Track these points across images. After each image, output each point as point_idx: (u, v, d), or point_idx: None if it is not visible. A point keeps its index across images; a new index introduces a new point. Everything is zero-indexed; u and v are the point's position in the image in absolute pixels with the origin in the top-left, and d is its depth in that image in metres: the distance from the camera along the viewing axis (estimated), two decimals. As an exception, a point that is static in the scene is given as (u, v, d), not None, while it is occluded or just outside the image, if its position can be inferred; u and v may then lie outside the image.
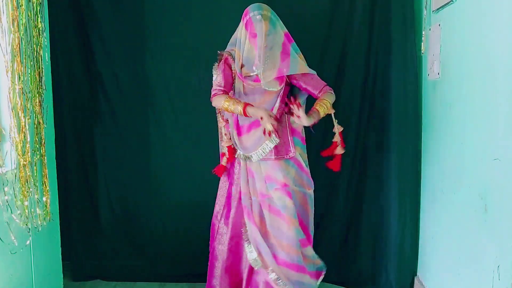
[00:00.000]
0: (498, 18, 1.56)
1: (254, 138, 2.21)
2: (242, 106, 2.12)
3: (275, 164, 2.22)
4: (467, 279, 1.82)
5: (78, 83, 2.75)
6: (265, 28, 2.10)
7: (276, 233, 2.21)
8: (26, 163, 2.05)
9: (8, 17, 1.97)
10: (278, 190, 2.20)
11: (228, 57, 2.25)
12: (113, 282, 2.79)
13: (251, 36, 2.15)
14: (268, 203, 2.23)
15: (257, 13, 2.10)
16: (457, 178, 1.94)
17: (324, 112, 2.14)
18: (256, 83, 2.19)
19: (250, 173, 2.27)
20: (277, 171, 2.21)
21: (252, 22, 2.11)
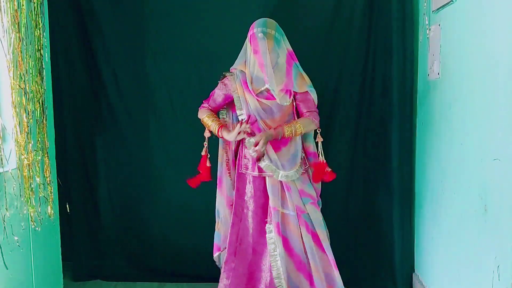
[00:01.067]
0: (498, 18, 1.56)
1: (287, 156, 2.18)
2: (217, 127, 2.22)
3: (304, 177, 2.22)
4: (467, 279, 1.82)
5: (78, 83, 2.75)
6: (268, 46, 2.09)
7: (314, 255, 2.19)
8: (29, 162, 2.05)
9: (9, 17, 1.97)
10: (313, 204, 2.21)
11: (228, 78, 2.26)
12: (113, 282, 2.79)
13: (254, 52, 2.15)
14: (304, 220, 2.20)
15: (260, 30, 2.09)
16: (457, 178, 1.94)
17: (289, 133, 2.13)
18: (268, 101, 2.17)
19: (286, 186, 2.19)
20: (307, 184, 2.23)
21: (256, 38, 2.10)
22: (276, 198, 2.19)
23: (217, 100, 2.30)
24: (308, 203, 2.21)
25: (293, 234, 2.21)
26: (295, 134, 2.15)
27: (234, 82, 2.23)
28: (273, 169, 2.15)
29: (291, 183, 2.19)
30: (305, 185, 2.23)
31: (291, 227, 2.21)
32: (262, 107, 2.17)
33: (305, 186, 2.23)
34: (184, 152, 2.79)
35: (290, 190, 2.19)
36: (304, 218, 2.21)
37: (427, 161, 2.40)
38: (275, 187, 2.20)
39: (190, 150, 2.78)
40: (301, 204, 2.21)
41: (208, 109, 2.31)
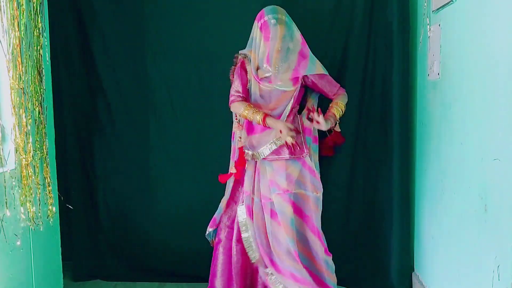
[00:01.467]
0: (498, 18, 1.56)
1: (265, 137, 2.26)
2: (262, 116, 2.20)
3: (280, 166, 2.26)
4: (467, 279, 1.82)
5: (77, 83, 2.74)
6: (280, 32, 2.16)
7: (273, 240, 2.27)
8: (28, 162, 2.05)
9: (8, 17, 1.97)
10: (280, 195, 2.25)
11: (244, 60, 2.32)
12: (113, 282, 2.79)
13: (265, 39, 2.19)
14: (269, 208, 2.28)
15: (272, 16, 2.16)
16: (457, 178, 1.94)
17: (339, 115, 2.30)
18: (271, 85, 2.25)
19: (258, 174, 2.31)
20: (281, 175, 2.25)
21: (268, 25, 2.16)
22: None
23: (246, 84, 2.32)
24: (274, 193, 2.26)
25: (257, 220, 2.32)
26: (342, 113, 2.31)
27: (248, 64, 2.31)
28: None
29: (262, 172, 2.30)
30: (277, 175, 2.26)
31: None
32: (260, 93, 2.27)
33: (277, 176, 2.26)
34: (184, 152, 2.79)
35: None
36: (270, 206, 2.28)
37: (427, 161, 2.39)
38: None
39: (190, 150, 2.79)
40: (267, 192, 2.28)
41: (243, 100, 2.29)
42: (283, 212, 2.25)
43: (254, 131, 2.32)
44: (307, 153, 2.29)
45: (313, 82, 2.32)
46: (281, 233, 2.25)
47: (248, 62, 2.31)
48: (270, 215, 2.28)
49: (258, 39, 2.22)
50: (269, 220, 2.29)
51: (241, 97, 2.29)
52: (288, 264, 2.25)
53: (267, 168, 2.28)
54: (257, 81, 2.26)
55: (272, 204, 2.27)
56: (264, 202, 2.29)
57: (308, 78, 2.31)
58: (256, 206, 2.31)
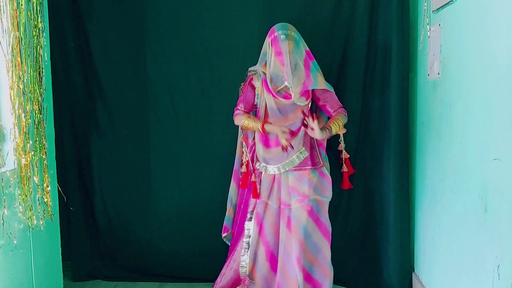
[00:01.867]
0: (498, 18, 1.56)
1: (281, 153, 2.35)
2: (260, 124, 2.32)
3: (303, 175, 2.35)
4: (467, 279, 1.82)
5: (76, 84, 2.74)
6: (289, 47, 2.25)
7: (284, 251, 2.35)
8: (27, 162, 2.05)
9: (8, 17, 1.97)
10: (298, 201, 2.34)
11: (252, 77, 2.42)
12: (113, 282, 2.79)
13: (276, 54, 2.29)
14: (287, 215, 2.37)
15: (282, 32, 2.26)
16: (457, 178, 1.94)
17: (335, 131, 2.28)
18: (286, 100, 2.33)
19: (277, 182, 2.40)
20: (302, 182, 2.34)
21: (277, 40, 2.26)
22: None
23: (250, 101, 2.43)
24: (294, 199, 2.35)
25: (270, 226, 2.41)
26: (339, 130, 2.31)
27: (257, 80, 2.40)
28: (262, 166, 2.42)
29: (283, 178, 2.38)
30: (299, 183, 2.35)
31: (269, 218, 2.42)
32: (277, 106, 2.34)
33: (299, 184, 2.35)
34: (184, 153, 2.79)
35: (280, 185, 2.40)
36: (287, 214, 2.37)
37: (427, 161, 2.39)
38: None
39: (190, 152, 2.80)
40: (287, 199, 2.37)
41: (244, 112, 2.42)
42: (297, 217, 2.33)
43: (269, 145, 2.39)
44: (323, 165, 2.40)
45: (317, 96, 2.41)
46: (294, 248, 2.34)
47: (256, 79, 2.40)
48: (286, 225, 2.36)
49: (269, 54, 2.33)
50: (284, 230, 2.37)
51: (243, 111, 2.42)
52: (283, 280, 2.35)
53: (290, 176, 2.37)
54: (273, 95, 2.34)
55: (289, 211, 2.36)
56: (282, 208, 2.38)
57: (314, 92, 2.40)
58: (271, 213, 2.40)
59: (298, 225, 2.32)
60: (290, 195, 2.36)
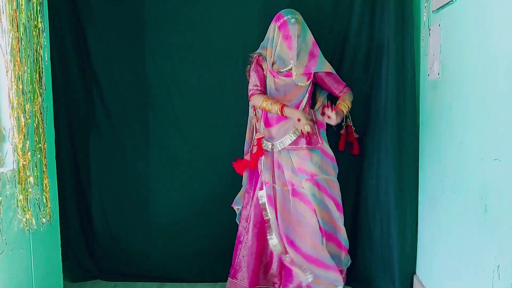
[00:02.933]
0: (498, 18, 1.56)
1: (282, 129, 2.42)
2: (279, 106, 2.36)
3: (305, 154, 2.41)
4: (467, 279, 1.82)
5: (74, 85, 2.73)
6: (298, 31, 2.36)
7: (300, 220, 2.38)
8: (26, 163, 2.05)
9: (8, 17, 1.97)
10: (308, 180, 2.38)
11: (259, 58, 2.48)
12: (113, 282, 2.79)
13: (284, 37, 2.39)
14: (298, 192, 2.40)
15: (291, 17, 2.37)
16: (457, 178, 1.94)
17: (346, 111, 2.44)
18: (287, 78, 2.43)
19: (277, 164, 2.44)
20: (307, 161, 2.40)
21: (287, 25, 2.36)
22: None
23: (262, 78, 2.47)
24: (304, 179, 2.39)
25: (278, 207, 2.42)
26: (348, 109, 2.45)
27: (264, 62, 2.46)
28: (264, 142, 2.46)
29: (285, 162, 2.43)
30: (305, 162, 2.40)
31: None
32: (275, 86, 2.44)
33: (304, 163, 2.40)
34: (183, 152, 2.79)
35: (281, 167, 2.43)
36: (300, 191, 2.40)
37: (427, 161, 2.39)
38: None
39: (189, 151, 2.79)
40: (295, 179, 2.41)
41: (261, 93, 2.44)
42: (313, 194, 2.37)
43: (270, 124, 2.46)
44: (322, 143, 2.45)
45: (321, 79, 2.50)
46: (309, 214, 2.36)
47: (263, 60, 2.47)
48: (298, 197, 2.39)
49: (276, 38, 2.42)
50: (295, 201, 2.39)
51: (259, 90, 2.44)
52: (311, 248, 2.35)
53: (292, 157, 2.43)
54: (273, 75, 2.43)
55: (302, 190, 2.39)
56: (291, 189, 2.40)
57: (317, 75, 2.49)
58: (278, 194, 2.41)
59: (315, 201, 2.36)
60: (298, 176, 2.40)
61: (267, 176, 2.43)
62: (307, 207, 2.38)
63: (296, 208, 2.39)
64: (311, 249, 2.34)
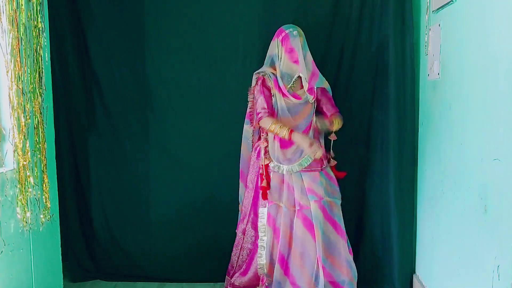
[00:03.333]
0: (498, 18, 1.56)
1: (299, 150, 2.40)
2: (288, 131, 2.33)
3: (315, 176, 2.41)
4: (467, 279, 1.82)
5: (74, 85, 2.73)
6: (300, 43, 2.35)
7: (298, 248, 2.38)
8: (26, 163, 2.05)
9: (8, 17, 1.97)
10: (316, 202, 2.38)
11: (264, 78, 2.43)
12: (113, 282, 2.79)
13: (287, 51, 2.36)
14: (304, 214, 2.39)
15: (293, 29, 2.36)
16: (457, 178, 1.94)
17: (336, 127, 2.39)
18: (295, 100, 2.39)
19: (287, 185, 2.42)
20: (317, 183, 2.41)
21: (289, 38, 2.35)
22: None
23: (269, 100, 2.42)
24: (312, 200, 2.38)
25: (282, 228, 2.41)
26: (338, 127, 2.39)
27: (270, 81, 2.41)
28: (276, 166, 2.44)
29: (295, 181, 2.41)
30: (315, 184, 2.40)
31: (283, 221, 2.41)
32: (286, 106, 2.40)
33: (314, 185, 2.40)
34: (183, 152, 2.79)
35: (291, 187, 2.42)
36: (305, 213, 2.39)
37: (427, 161, 2.39)
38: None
39: (189, 151, 2.79)
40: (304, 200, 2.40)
41: (269, 116, 2.40)
42: (317, 218, 2.37)
43: (286, 146, 2.42)
44: (326, 165, 2.48)
45: (319, 99, 2.48)
46: (309, 244, 2.38)
47: (268, 79, 2.41)
48: (304, 224, 2.39)
49: (280, 53, 2.39)
50: (301, 229, 2.39)
51: (268, 112, 2.39)
52: (305, 284, 2.37)
53: (304, 178, 2.42)
54: (281, 93, 2.39)
55: (308, 212, 2.38)
56: (297, 210, 2.39)
57: (317, 94, 2.46)
58: (285, 215, 2.40)
59: (318, 225, 2.36)
60: (307, 196, 2.39)
61: (275, 196, 2.42)
62: (308, 234, 2.37)
63: (298, 234, 2.39)
64: (305, 285, 2.37)
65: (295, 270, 2.39)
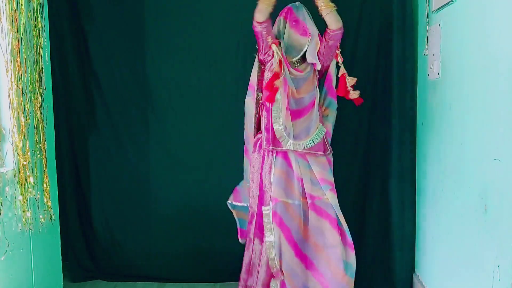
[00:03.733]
0: (499, 18, 1.56)
1: (304, 125, 2.24)
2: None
3: (325, 163, 2.27)
4: (467, 279, 1.82)
5: (74, 85, 2.73)
6: (306, 14, 2.25)
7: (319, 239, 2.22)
8: (26, 163, 2.05)
9: (8, 17, 1.97)
10: (331, 190, 2.24)
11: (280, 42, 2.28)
12: (113, 282, 2.79)
13: (292, 25, 2.26)
14: (316, 205, 2.23)
15: (296, 3, 2.28)
16: (457, 178, 1.94)
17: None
18: (298, 73, 2.26)
19: (296, 176, 2.24)
20: (327, 170, 2.27)
21: (293, 10, 2.26)
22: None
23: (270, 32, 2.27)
24: (328, 190, 2.24)
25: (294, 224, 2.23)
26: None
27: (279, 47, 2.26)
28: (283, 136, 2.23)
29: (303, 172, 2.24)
30: (326, 172, 2.27)
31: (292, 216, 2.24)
32: (291, 76, 2.25)
33: (325, 173, 2.26)
34: (183, 152, 2.79)
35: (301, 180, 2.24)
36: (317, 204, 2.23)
37: (427, 161, 2.39)
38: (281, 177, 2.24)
39: (189, 151, 2.79)
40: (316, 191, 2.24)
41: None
42: (337, 205, 2.24)
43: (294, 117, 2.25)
44: (331, 151, 2.33)
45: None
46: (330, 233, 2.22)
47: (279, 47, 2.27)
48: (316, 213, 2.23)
49: (282, 28, 2.29)
50: (314, 218, 2.23)
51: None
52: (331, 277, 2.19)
53: (313, 167, 2.26)
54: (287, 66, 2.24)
55: (320, 202, 2.23)
56: (309, 203, 2.23)
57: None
58: (296, 209, 2.24)
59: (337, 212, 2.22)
60: (321, 187, 2.23)
61: (278, 191, 2.23)
62: (327, 224, 2.21)
63: (316, 225, 2.22)
64: (332, 278, 2.18)
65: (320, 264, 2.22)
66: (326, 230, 2.22)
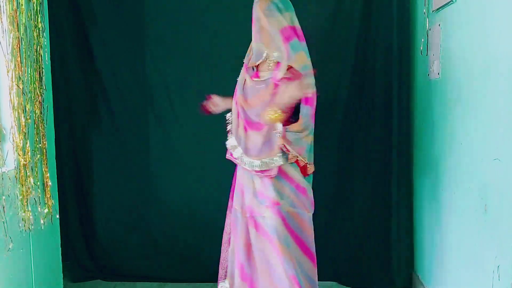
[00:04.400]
0: (498, 18, 1.56)
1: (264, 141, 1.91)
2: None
3: (266, 179, 1.93)
4: (467, 279, 1.82)
5: (74, 85, 2.74)
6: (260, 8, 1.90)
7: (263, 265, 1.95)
8: (26, 163, 2.05)
9: (8, 17, 1.97)
10: (269, 208, 1.92)
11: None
12: (113, 282, 2.79)
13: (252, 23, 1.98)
14: (257, 222, 1.95)
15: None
16: (457, 178, 1.94)
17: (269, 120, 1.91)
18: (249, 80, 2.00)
19: (239, 185, 2.02)
20: (269, 187, 1.92)
21: (254, 5, 1.94)
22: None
23: None
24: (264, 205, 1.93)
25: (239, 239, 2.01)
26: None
27: None
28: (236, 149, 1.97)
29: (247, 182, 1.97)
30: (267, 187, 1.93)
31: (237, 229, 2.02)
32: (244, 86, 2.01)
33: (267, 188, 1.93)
34: (184, 151, 2.79)
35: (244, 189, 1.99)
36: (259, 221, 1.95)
37: (427, 161, 2.40)
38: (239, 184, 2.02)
39: (190, 150, 2.79)
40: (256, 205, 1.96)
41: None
42: (275, 228, 1.90)
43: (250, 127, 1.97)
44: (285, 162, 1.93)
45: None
46: (273, 256, 1.92)
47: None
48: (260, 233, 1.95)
49: None
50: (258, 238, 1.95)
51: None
52: None
53: (254, 179, 1.96)
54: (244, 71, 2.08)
55: (261, 219, 1.94)
56: (249, 217, 1.97)
57: None
58: (239, 221, 1.99)
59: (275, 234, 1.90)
60: (260, 201, 1.94)
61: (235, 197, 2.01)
62: (271, 247, 1.90)
63: (259, 246, 1.93)
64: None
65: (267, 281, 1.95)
66: (271, 257, 1.92)
